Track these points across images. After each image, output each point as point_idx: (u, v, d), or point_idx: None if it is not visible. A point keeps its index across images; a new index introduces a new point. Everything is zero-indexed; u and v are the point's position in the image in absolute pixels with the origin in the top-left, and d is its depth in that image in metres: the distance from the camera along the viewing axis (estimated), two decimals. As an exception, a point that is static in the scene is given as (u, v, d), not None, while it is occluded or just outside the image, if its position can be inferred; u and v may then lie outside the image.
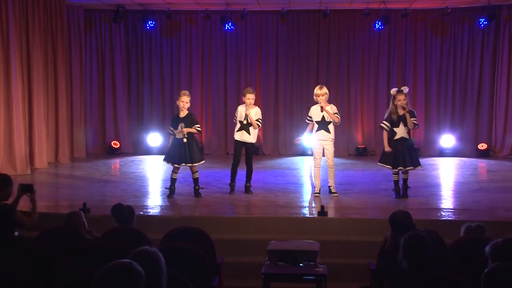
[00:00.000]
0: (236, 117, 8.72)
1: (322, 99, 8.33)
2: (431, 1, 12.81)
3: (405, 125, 8.13)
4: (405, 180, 8.41)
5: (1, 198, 5.43)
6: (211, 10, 13.52)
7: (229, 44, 14.06)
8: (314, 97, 8.44)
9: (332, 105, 8.53)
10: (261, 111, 13.99)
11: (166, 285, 3.31)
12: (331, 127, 8.44)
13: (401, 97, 8.11)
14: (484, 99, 13.65)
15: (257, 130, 8.66)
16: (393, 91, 8.24)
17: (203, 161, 8.58)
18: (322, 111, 8.32)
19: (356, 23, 13.78)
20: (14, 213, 5.33)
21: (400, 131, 8.18)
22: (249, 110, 8.53)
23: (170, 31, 14.04)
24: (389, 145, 8.29)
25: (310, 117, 8.52)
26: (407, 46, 13.77)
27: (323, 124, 8.40)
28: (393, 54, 13.84)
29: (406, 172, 8.34)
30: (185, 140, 8.19)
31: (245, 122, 8.54)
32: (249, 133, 8.58)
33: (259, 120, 8.62)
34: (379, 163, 8.51)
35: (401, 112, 8.12)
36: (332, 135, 8.46)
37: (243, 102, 8.61)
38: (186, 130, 8.17)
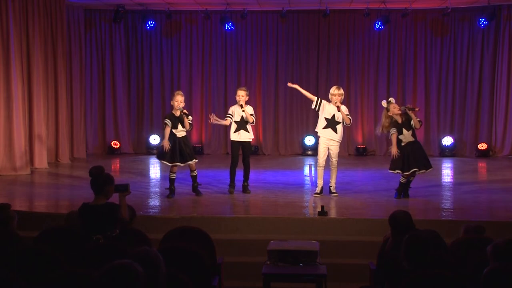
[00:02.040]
0: (229, 116, 8.61)
1: (338, 100, 8.33)
2: (431, 1, 12.81)
3: (408, 129, 8.16)
4: (409, 182, 8.43)
5: (105, 197, 5.36)
6: (211, 10, 13.52)
7: (229, 44, 14.06)
8: (330, 97, 8.44)
9: (344, 105, 8.53)
10: (261, 111, 14.13)
11: (166, 285, 3.31)
12: (339, 127, 8.43)
13: (392, 106, 8.17)
14: (484, 99, 13.66)
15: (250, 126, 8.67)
16: (384, 103, 8.30)
17: (196, 160, 8.64)
18: (339, 111, 8.32)
19: (356, 23, 13.78)
20: (119, 212, 5.30)
21: (406, 137, 8.21)
22: (240, 107, 8.48)
23: (170, 31, 14.04)
24: (398, 150, 8.31)
25: (319, 108, 8.45)
26: (407, 46, 13.77)
27: (331, 123, 8.39)
28: (393, 54, 13.84)
29: (414, 175, 8.35)
30: (178, 113, 8.24)
31: (239, 118, 8.50)
32: (247, 131, 8.59)
33: (253, 115, 8.61)
34: (389, 171, 8.44)
35: (400, 119, 8.16)
36: (339, 136, 8.46)
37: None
38: (185, 119, 8.25)
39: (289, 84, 8.90)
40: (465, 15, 13.49)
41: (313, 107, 8.59)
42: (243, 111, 8.49)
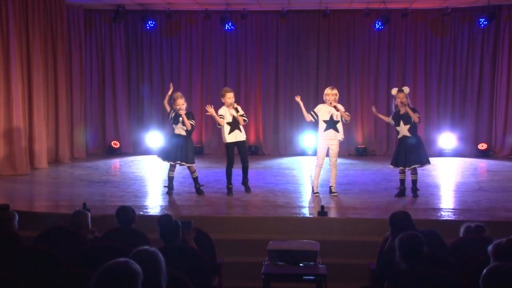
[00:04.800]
0: (221, 118, 8.47)
1: (332, 99, 8.33)
2: (431, 1, 12.81)
3: (405, 123, 8.17)
4: (414, 181, 8.41)
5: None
6: (211, 10, 13.52)
7: (229, 44, 14.06)
8: (324, 97, 8.44)
9: (340, 104, 8.53)
10: (261, 111, 14.13)
11: (166, 285, 3.31)
12: (339, 126, 8.42)
13: (401, 95, 8.20)
14: (484, 99, 13.66)
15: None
16: (394, 90, 8.31)
17: (194, 164, 8.64)
18: (337, 110, 8.31)
19: (356, 23, 13.77)
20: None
21: (402, 130, 8.25)
22: (232, 109, 8.48)
23: (170, 31, 14.04)
24: (396, 144, 8.61)
25: (316, 115, 8.44)
26: (407, 46, 13.77)
27: (331, 124, 8.38)
28: (393, 54, 13.83)
29: (414, 173, 8.36)
30: (180, 118, 8.35)
31: (231, 119, 8.47)
32: (240, 130, 8.58)
33: (244, 115, 8.58)
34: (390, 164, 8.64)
35: (402, 110, 8.16)
36: (341, 135, 8.45)
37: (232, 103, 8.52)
38: (184, 118, 8.33)
39: (297, 98, 8.62)
40: (465, 15, 13.49)
41: (310, 120, 8.47)
42: (240, 114, 8.46)
